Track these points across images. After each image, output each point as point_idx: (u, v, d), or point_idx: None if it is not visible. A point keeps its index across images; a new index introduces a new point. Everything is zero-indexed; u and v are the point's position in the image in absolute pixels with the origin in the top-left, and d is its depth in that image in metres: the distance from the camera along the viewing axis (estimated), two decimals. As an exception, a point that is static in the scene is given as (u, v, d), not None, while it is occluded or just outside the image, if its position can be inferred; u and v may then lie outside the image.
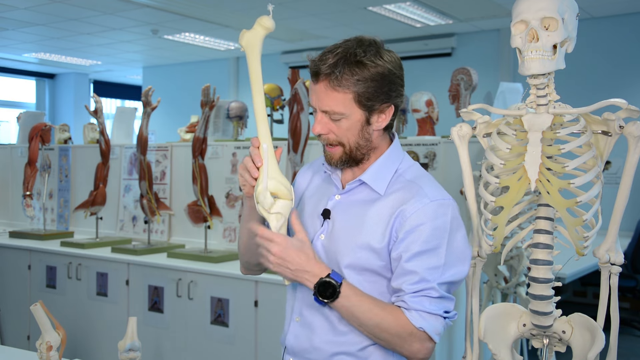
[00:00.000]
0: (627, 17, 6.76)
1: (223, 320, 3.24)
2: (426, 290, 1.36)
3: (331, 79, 1.39)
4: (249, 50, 1.45)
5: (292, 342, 1.54)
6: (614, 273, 1.59)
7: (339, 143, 1.45)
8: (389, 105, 1.44)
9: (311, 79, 1.45)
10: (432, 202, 1.40)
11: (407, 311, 1.36)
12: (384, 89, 1.41)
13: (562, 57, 1.50)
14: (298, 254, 1.38)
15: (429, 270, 1.37)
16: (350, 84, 1.39)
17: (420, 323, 1.35)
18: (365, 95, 1.40)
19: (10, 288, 4.23)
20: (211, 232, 3.76)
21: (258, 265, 1.67)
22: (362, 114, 1.42)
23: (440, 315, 1.38)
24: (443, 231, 1.39)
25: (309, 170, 1.67)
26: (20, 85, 11.64)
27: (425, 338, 1.36)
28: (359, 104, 1.41)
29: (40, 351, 1.92)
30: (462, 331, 2.98)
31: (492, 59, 7.60)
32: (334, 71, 1.38)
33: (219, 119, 4.30)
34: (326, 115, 1.43)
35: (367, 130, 1.45)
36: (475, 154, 2.78)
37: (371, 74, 1.39)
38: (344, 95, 1.39)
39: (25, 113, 5.28)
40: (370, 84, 1.39)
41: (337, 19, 7.17)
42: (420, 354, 1.38)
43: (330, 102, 1.40)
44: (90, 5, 6.68)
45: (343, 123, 1.42)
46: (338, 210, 1.50)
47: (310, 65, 1.44)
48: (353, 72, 1.38)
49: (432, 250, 1.37)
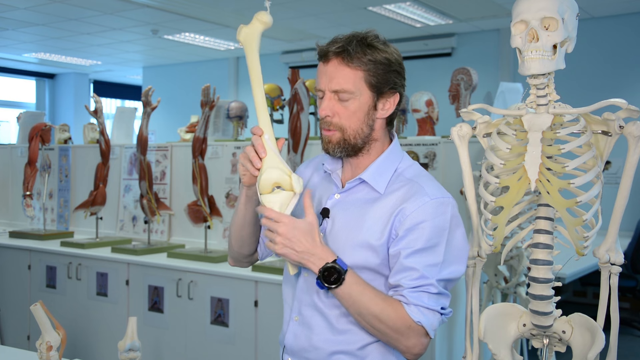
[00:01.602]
0: (627, 17, 6.76)
1: (223, 320, 3.24)
2: (425, 287, 1.37)
3: (344, 56, 1.41)
4: (247, 45, 1.47)
5: (290, 342, 1.54)
6: (614, 273, 1.59)
7: (339, 128, 1.45)
8: (394, 92, 1.47)
9: (320, 62, 1.46)
10: (432, 200, 1.41)
11: (407, 305, 1.36)
12: (392, 76, 1.45)
13: (562, 57, 1.50)
14: (305, 235, 1.37)
15: (428, 267, 1.37)
16: (361, 63, 1.41)
17: (418, 317, 1.35)
18: (375, 77, 1.43)
19: (10, 288, 4.23)
20: (211, 232, 3.76)
21: (247, 257, 1.68)
22: (371, 97, 1.44)
23: (438, 311, 1.39)
24: (442, 229, 1.40)
25: (308, 168, 1.67)
26: (20, 85, 11.64)
27: (422, 333, 1.37)
28: (368, 85, 1.43)
29: (40, 351, 1.92)
30: (462, 331, 2.98)
31: (492, 59, 7.60)
32: (347, 48, 1.41)
33: (219, 119, 4.31)
34: (335, 96, 1.44)
35: (372, 116, 1.46)
36: (475, 154, 2.78)
37: (381, 57, 1.42)
38: (355, 73, 1.42)
39: (25, 113, 5.28)
40: (379, 67, 1.42)
41: (337, 19, 7.17)
42: (416, 348, 1.38)
43: (341, 80, 1.42)
44: (90, 5, 6.68)
45: (351, 104, 1.43)
46: (337, 209, 1.50)
47: (318, 50, 1.46)
48: (365, 51, 1.41)
49: (432, 247, 1.38)
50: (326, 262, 1.36)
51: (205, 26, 7.65)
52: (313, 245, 1.37)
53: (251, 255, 1.68)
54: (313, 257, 1.37)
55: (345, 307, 1.39)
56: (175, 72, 10.53)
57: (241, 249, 1.65)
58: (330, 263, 1.36)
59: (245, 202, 1.54)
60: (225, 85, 9.82)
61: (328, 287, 1.36)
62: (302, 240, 1.36)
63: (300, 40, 8.25)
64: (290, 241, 1.36)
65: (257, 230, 1.62)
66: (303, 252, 1.37)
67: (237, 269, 3.28)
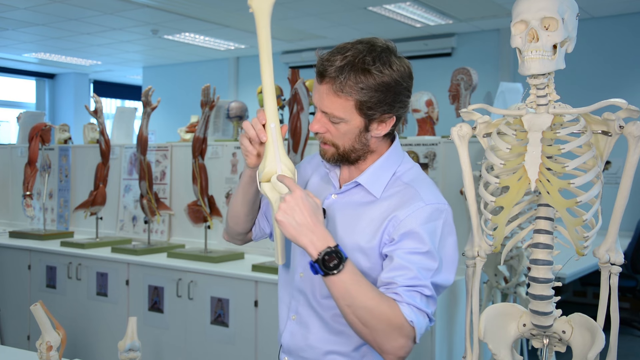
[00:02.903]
0: (627, 17, 6.76)
1: (223, 320, 3.24)
2: (419, 287, 1.33)
3: (335, 83, 1.36)
4: (258, 15, 1.35)
5: (287, 341, 1.55)
6: (614, 273, 1.59)
7: (333, 144, 1.45)
8: (390, 115, 1.42)
9: (316, 77, 1.42)
10: (427, 205, 1.39)
11: (401, 304, 1.31)
12: (388, 100, 1.39)
13: (562, 57, 1.50)
14: (309, 211, 1.29)
15: (422, 269, 1.35)
16: (353, 92, 1.36)
17: (411, 317, 1.30)
18: (366, 104, 1.38)
19: (10, 288, 4.23)
20: (211, 232, 3.76)
21: (240, 235, 1.68)
22: (362, 121, 1.41)
23: (428, 315, 1.35)
24: (435, 236, 1.38)
25: (309, 165, 1.67)
26: (20, 85, 11.64)
27: (411, 335, 1.31)
28: (359, 111, 1.39)
29: (40, 351, 1.92)
30: (462, 331, 2.98)
31: (492, 59, 7.60)
32: (338, 76, 1.36)
33: (219, 119, 4.31)
34: (325, 116, 1.42)
35: (364, 136, 1.43)
36: (475, 154, 2.78)
37: (377, 83, 1.36)
38: (345, 102, 1.38)
39: (25, 113, 5.28)
40: (374, 94, 1.37)
41: (337, 19, 7.17)
42: (402, 351, 1.31)
43: (331, 106, 1.39)
44: (90, 5, 6.68)
45: (341, 127, 1.41)
46: (333, 210, 1.49)
47: (318, 63, 1.41)
48: (358, 79, 1.35)
49: (427, 253, 1.36)
50: (328, 245, 1.27)
51: (205, 26, 7.65)
52: (315, 223, 1.28)
53: (245, 233, 1.68)
54: (312, 236, 1.28)
55: (335, 298, 1.30)
56: (175, 72, 10.53)
57: (236, 226, 1.65)
58: (333, 247, 1.28)
59: (247, 182, 1.53)
60: (225, 85, 9.82)
61: (325, 273, 1.27)
62: (305, 214, 1.28)
63: (300, 40, 8.25)
64: (293, 210, 1.28)
65: (254, 210, 1.62)
66: (302, 225, 1.28)
67: (237, 269, 3.28)
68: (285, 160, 1.40)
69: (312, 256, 1.29)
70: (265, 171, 1.39)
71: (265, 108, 1.40)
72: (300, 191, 1.31)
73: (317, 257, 1.27)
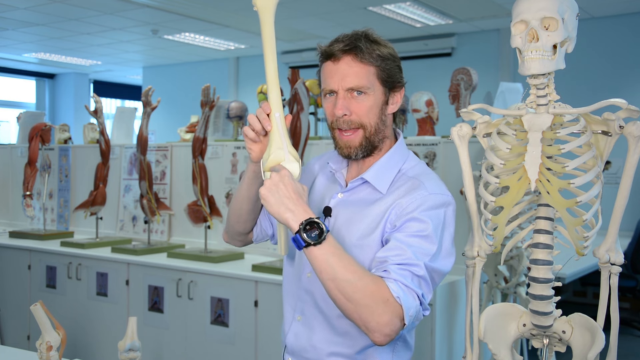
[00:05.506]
0: (627, 17, 6.76)
1: (223, 320, 3.24)
2: (412, 266, 1.31)
3: (356, 52, 1.42)
4: (262, 12, 1.40)
5: (292, 341, 1.54)
6: (614, 273, 1.58)
7: (360, 125, 1.45)
8: (401, 86, 1.50)
9: (327, 62, 1.45)
10: (431, 194, 1.41)
11: (387, 280, 1.28)
12: (397, 70, 1.48)
13: (562, 57, 1.50)
14: (293, 189, 1.30)
15: (419, 252, 1.33)
16: (372, 58, 1.43)
17: (398, 293, 1.26)
18: (385, 72, 1.45)
19: (10, 288, 4.23)
20: (211, 232, 3.76)
21: (241, 235, 1.67)
22: (383, 92, 1.46)
23: (418, 296, 1.30)
24: (437, 222, 1.39)
25: (317, 164, 1.67)
26: (20, 85, 11.65)
27: (398, 313, 1.26)
28: (380, 80, 1.45)
29: (40, 351, 1.92)
30: (462, 331, 2.98)
31: (492, 59, 7.60)
32: (357, 45, 1.42)
33: (219, 119, 4.31)
34: (349, 94, 1.43)
35: (385, 112, 1.48)
36: (475, 154, 2.79)
37: (387, 51, 1.46)
38: (368, 69, 1.43)
39: (25, 113, 5.28)
40: (387, 62, 1.45)
41: (337, 19, 7.17)
42: (387, 328, 1.25)
43: (355, 78, 1.42)
44: (90, 5, 6.68)
45: (366, 101, 1.44)
46: (339, 208, 1.50)
47: (324, 50, 1.45)
48: (373, 47, 1.43)
49: (427, 236, 1.35)
50: (310, 216, 1.28)
51: (205, 26, 7.65)
52: (298, 200, 1.29)
53: (246, 234, 1.67)
54: (295, 210, 1.28)
55: (317, 272, 1.28)
56: (175, 72, 10.53)
57: (237, 225, 1.64)
58: (314, 219, 1.27)
59: (251, 177, 1.53)
60: (225, 85, 9.82)
61: (307, 244, 1.26)
62: (289, 190, 1.30)
63: (300, 40, 8.25)
64: (277, 185, 1.30)
65: (256, 209, 1.61)
66: (285, 198, 1.29)
67: (237, 269, 3.28)
68: (291, 148, 1.40)
69: (293, 230, 1.28)
70: (270, 159, 1.38)
71: (269, 97, 1.42)
72: (286, 171, 1.34)
73: (298, 227, 1.27)
